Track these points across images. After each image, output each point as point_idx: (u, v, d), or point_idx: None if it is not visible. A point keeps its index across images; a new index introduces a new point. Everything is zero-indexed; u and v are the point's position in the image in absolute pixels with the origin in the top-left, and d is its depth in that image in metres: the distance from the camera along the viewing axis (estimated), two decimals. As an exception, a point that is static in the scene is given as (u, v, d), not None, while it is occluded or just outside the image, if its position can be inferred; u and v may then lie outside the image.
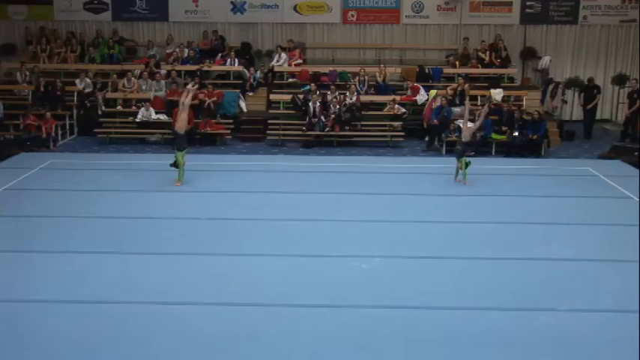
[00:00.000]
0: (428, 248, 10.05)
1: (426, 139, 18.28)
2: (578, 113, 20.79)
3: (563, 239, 10.48)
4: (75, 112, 19.32)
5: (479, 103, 19.14)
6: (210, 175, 14.37)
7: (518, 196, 12.91)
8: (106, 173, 14.41)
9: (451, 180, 14.16)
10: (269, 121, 18.84)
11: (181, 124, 13.58)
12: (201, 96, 18.91)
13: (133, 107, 19.14)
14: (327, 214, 11.69)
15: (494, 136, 17.60)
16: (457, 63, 20.76)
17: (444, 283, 8.78)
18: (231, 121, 19.05)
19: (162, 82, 19.56)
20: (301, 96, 18.93)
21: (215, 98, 19.04)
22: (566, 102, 20.68)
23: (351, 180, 13.80)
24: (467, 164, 13.55)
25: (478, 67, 20.73)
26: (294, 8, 21.71)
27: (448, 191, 13.23)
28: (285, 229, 10.85)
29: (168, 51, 21.18)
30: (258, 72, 20.57)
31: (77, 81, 19.68)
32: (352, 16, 21.79)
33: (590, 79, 20.04)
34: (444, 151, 17.44)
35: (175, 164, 13.32)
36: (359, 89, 19.39)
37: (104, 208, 11.85)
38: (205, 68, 20.51)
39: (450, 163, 16.03)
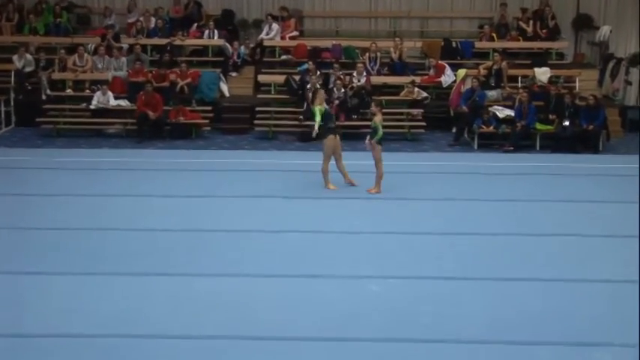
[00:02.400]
0: (454, 266, 10.16)
1: (453, 130, 18.41)
2: (644, 98, 20.92)
3: (622, 256, 10.57)
4: (12, 96, 19.44)
5: (519, 85, 19.30)
6: (185, 175, 14.49)
7: (567, 202, 13.03)
8: (52, 174, 14.53)
9: (484, 182, 14.30)
10: (257, 109, 18.98)
11: None
12: (172, 77, 19.06)
13: (87, 91, 19.27)
14: (329, 224, 11.81)
15: (539, 126, 17.73)
16: (493, 35, 20.90)
17: (474, 310, 8.88)
18: (209, 108, 19.18)
19: (123, 59, 19.69)
20: (297, 77, 19.07)
21: (190, 80, 19.17)
22: (630, 83, 20.76)
23: (359, 182, 13.91)
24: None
25: (519, 41, 20.87)
26: (289, -34, 21.84)
27: (479, 195, 13.36)
28: (278, 243, 10.96)
29: (130, 20, 21.31)
30: (243, 47, 20.71)
31: (15, 57, 19.78)
32: (361, -24, 22.01)
33: (661, 55, 20.20)
34: (475, 146, 17.58)
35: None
36: (369, 68, 19.52)
37: (51, 218, 11.96)
38: (177, 42, 20.64)
39: (485, 160, 16.19)
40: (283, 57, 20.68)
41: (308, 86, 18.37)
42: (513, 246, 10.93)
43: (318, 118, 13.58)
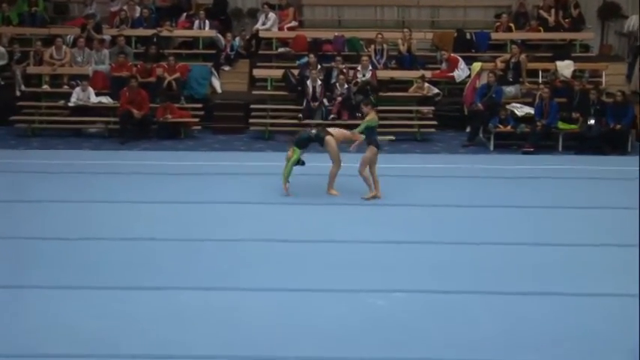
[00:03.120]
0: (465, 279, 10.18)
1: (467, 129, 18.45)
2: (678, 94, 20.91)
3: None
4: (-16, 93, 19.55)
5: (540, 80, 19.33)
6: (173, 179, 14.52)
7: (591, 209, 13.07)
8: (27, 177, 14.55)
9: (500, 187, 14.33)
10: (252, 106, 19.01)
11: None
12: (159, 71, 19.10)
13: (65, 86, 19.32)
14: (330, 232, 11.85)
15: (561, 125, 17.76)
16: (510, 25, 20.94)
17: (493, 329, 8.90)
18: (200, 105, 19.22)
19: (105, 51, 19.74)
20: (296, 71, 19.12)
21: (178, 74, 19.21)
22: (661, 78, 20.81)
23: (363, 186, 13.96)
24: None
25: (539, 31, 20.89)
26: (287, -50, 21.88)
27: (494, 201, 13.40)
28: (274, 254, 10.99)
29: (113, 9, 21.37)
30: (238, 39, 20.75)
31: (-13, 50, 19.92)
32: (366, -39, 22.07)
33: (696, 47, 20.22)
34: (491, 147, 17.61)
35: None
36: (375, 62, 19.57)
37: (26, 227, 11.98)
38: (165, 33, 20.68)
39: (501, 162, 16.22)
40: (281, 49, 20.73)
41: (308, 82, 18.44)
42: (529, 257, 10.94)
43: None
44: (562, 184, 14.65)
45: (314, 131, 14.02)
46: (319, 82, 18.48)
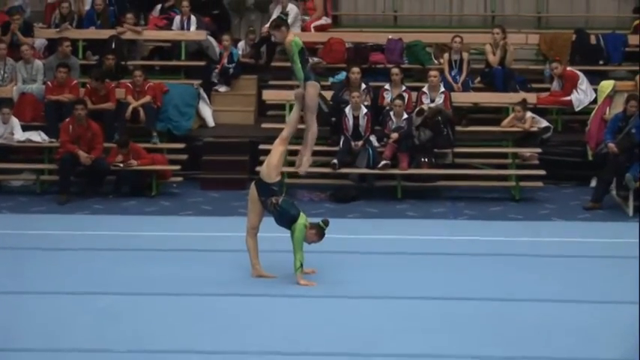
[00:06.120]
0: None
1: (593, 183, 18.37)
2: None
3: None
4: None
5: None
6: (138, 258, 14.52)
7: None
8: None
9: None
10: (261, 147, 19.03)
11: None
12: (119, 93, 19.20)
13: (-23, 117, 19.53)
14: (377, 342, 11.72)
15: None
16: (659, 25, 21.00)
17: None
18: (181, 145, 19.29)
19: (38, 63, 19.90)
20: (329, 94, 19.15)
21: (149, 99, 19.30)
22: None
23: (431, 269, 13.89)
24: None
25: None
26: None
27: (634, 295, 13.27)
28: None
29: (50, 0, 21.58)
30: (241, 44, 20.89)
31: None
32: None
33: None
34: (630, 211, 17.48)
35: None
36: (450, 80, 19.58)
37: None
38: (129, 36, 20.85)
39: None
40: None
41: (347, 109, 18.43)
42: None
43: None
44: None
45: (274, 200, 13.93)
46: (364, 111, 18.51)
